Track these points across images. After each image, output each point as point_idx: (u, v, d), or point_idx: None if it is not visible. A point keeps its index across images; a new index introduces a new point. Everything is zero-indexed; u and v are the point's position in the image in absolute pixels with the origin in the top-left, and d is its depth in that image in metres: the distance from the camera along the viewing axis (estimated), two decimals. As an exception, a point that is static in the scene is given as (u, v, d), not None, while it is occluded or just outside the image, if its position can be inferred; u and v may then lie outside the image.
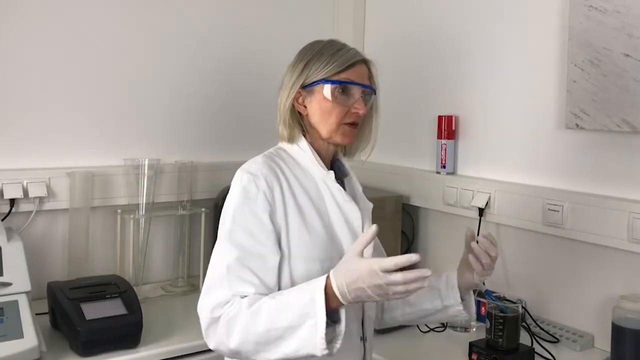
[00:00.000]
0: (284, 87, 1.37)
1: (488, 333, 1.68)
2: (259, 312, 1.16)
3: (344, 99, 1.33)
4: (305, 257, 1.27)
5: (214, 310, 1.20)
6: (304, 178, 1.34)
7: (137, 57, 2.18)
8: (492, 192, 2.02)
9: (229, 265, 1.22)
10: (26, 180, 1.97)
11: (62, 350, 1.63)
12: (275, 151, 1.38)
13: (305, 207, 1.30)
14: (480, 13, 2.11)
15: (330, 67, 1.32)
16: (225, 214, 1.28)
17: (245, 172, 1.28)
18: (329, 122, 1.33)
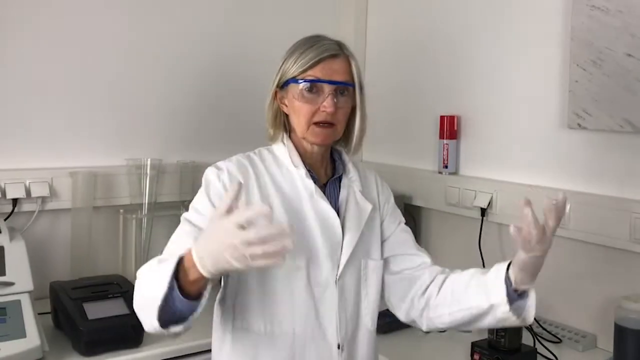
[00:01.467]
0: (271, 86, 1.38)
1: (490, 333, 1.68)
2: (142, 274, 1.16)
3: (313, 98, 1.29)
4: None
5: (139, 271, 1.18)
6: (279, 174, 1.33)
7: (139, 57, 2.18)
8: (494, 192, 2.02)
9: (174, 237, 1.25)
10: (29, 180, 1.97)
11: (65, 350, 1.64)
12: (258, 150, 1.40)
13: (274, 206, 1.26)
14: (483, 13, 2.11)
15: (298, 65, 1.30)
16: (191, 204, 1.31)
17: (213, 166, 1.32)
18: (300, 121, 1.31)
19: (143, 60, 2.19)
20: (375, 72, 2.56)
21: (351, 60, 1.35)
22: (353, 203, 1.37)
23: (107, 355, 1.61)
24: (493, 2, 2.07)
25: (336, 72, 1.31)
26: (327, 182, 1.39)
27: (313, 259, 1.28)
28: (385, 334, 1.81)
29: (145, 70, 2.20)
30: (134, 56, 2.18)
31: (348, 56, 1.35)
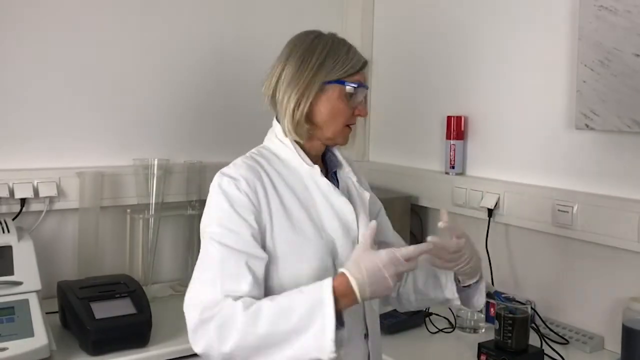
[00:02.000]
0: (293, 83, 1.29)
1: (497, 334, 1.68)
2: (259, 314, 1.10)
3: (351, 101, 1.31)
4: (293, 258, 1.22)
5: (203, 312, 1.12)
6: (288, 175, 1.29)
7: (147, 57, 2.19)
8: (501, 193, 2.01)
9: (218, 265, 1.17)
10: (37, 180, 1.98)
11: (72, 349, 1.65)
12: (257, 151, 1.34)
13: (291, 206, 1.25)
14: (490, 13, 2.10)
15: (346, 68, 1.29)
16: (209, 218, 1.24)
17: (225, 176, 1.25)
18: (337, 123, 1.31)
19: (150, 60, 2.20)
20: (382, 73, 2.56)
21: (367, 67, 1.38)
22: (354, 194, 1.38)
23: (114, 354, 1.61)
24: (500, 2, 2.07)
25: (366, 78, 1.36)
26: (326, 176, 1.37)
27: (337, 257, 1.27)
28: (391, 334, 1.81)
29: (152, 70, 2.21)
30: (140, 56, 2.18)
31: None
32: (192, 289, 1.20)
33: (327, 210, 1.29)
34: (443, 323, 1.92)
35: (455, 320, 1.91)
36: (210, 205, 1.25)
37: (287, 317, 1.09)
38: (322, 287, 1.11)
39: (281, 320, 1.09)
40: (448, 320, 1.93)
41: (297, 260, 1.22)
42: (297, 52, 1.31)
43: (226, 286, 1.15)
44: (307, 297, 1.11)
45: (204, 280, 1.18)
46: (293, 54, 1.32)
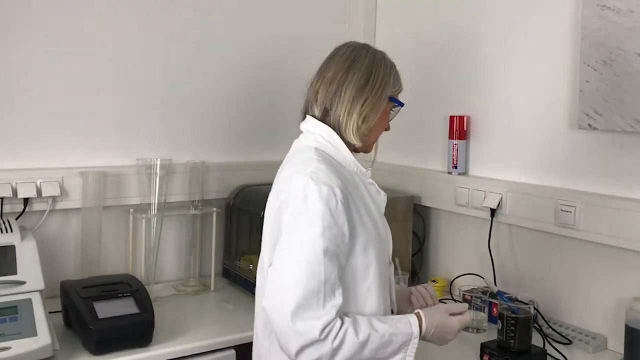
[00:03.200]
0: (366, 94, 1.37)
1: (500, 334, 1.67)
2: (368, 343, 1.24)
3: (390, 116, 1.46)
4: (364, 253, 1.32)
5: (322, 332, 1.20)
6: (351, 179, 1.39)
7: (148, 58, 2.19)
8: (504, 193, 2.01)
9: (325, 281, 1.23)
10: (40, 179, 1.98)
11: (75, 349, 1.65)
12: (319, 154, 1.36)
13: (360, 207, 1.35)
14: (492, 12, 2.10)
15: (399, 85, 1.45)
16: (311, 227, 1.24)
17: (322, 184, 1.26)
18: (375, 135, 1.45)
19: (152, 60, 2.20)
20: (385, 73, 2.56)
21: None
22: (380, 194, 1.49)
23: (117, 354, 1.61)
24: (502, 1, 2.06)
25: None
26: None
27: (384, 247, 1.41)
28: (394, 334, 1.81)
29: (155, 70, 2.21)
30: (142, 57, 2.18)
31: None
32: (299, 296, 1.21)
33: (373, 205, 1.41)
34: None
35: (457, 320, 1.90)
36: (312, 212, 1.25)
37: (386, 347, 1.27)
38: (412, 326, 1.31)
39: (381, 350, 1.27)
40: (451, 320, 1.93)
41: (366, 254, 1.33)
42: (362, 61, 1.39)
43: (330, 302, 1.23)
44: (402, 334, 1.30)
45: (312, 292, 1.22)
46: (359, 62, 1.39)
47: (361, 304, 1.33)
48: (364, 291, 1.33)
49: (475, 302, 1.91)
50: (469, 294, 1.95)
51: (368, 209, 1.38)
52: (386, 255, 1.42)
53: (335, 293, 1.23)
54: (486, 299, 1.92)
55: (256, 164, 2.39)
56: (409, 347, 1.30)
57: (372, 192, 1.43)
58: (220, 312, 1.99)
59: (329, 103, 1.38)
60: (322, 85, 1.39)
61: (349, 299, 1.30)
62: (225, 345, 1.74)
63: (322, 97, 1.39)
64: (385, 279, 1.41)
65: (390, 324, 1.29)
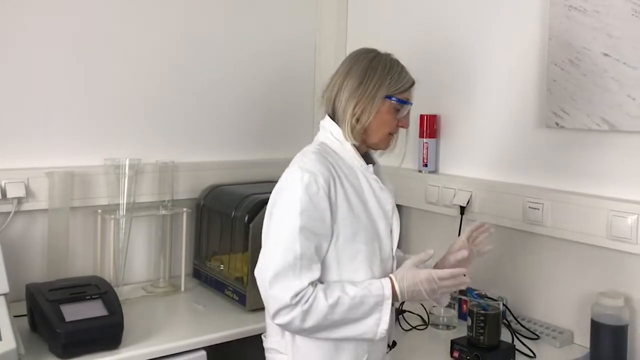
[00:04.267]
0: (355, 94, 1.46)
1: (469, 330, 1.69)
2: (337, 304, 1.36)
3: (397, 114, 1.51)
4: (351, 239, 1.43)
5: (293, 298, 1.34)
6: (348, 171, 1.47)
7: (117, 56, 2.16)
8: (473, 191, 2.03)
9: (301, 255, 1.36)
10: (4, 180, 1.94)
11: (42, 353, 1.61)
12: (321, 147, 1.49)
13: (352, 197, 1.45)
14: (461, 13, 2.12)
15: (399, 85, 1.50)
16: (290, 209, 1.38)
17: (305, 171, 1.40)
18: (383, 132, 1.50)
19: (120, 58, 2.17)
20: (355, 71, 2.57)
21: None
22: (388, 186, 1.56)
23: (85, 357, 1.59)
24: (471, 2, 2.08)
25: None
26: None
27: (381, 240, 1.49)
28: (366, 332, 1.82)
29: (123, 68, 2.18)
30: (111, 56, 2.15)
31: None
32: (276, 267, 1.36)
33: (373, 200, 1.49)
34: (416, 320, 1.93)
35: (428, 317, 1.92)
36: (292, 197, 1.39)
37: (358, 308, 1.38)
38: (384, 286, 1.40)
39: (353, 311, 1.38)
40: (421, 317, 1.94)
41: (354, 241, 1.43)
42: (358, 66, 1.50)
43: (305, 274, 1.36)
44: (373, 293, 1.39)
45: (288, 264, 1.36)
46: (355, 67, 1.50)
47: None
48: (350, 273, 1.43)
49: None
50: (439, 291, 1.96)
51: (365, 202, 1.47)
52: (385, 249, 1.49)
53: (312, 267, 1.38)
54: (456, 296, 1.94)
55: (227, 163, 2.38)
56: (383, 308, 1.39)
57: (376, 188, 1.50)
58: (191, 313, 1.97)
59: (331, 105, 1.52)
60: (328, 88, 1.54)
61: (338, 277, 1.42)
62: (196, 347, 1.73)
63: (327, 99, 1.53)
64: (380, 270, 1.47)
65: (362, 287, 1.39)
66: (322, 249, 1.41)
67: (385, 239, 1.50)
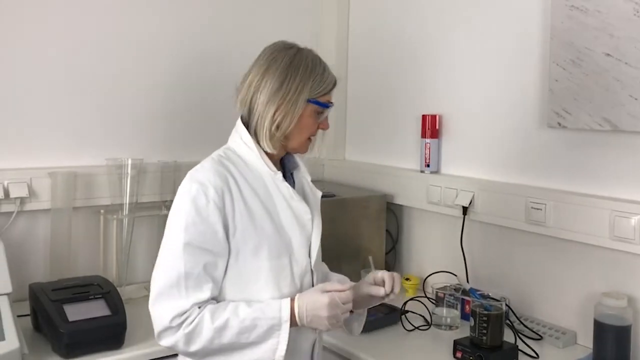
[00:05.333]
0: (275, 97, 1.34)
1: (472, 331, 1.69)
2: (225, 328, 1.26)
3: (318, 117, 1.40)
4: (254, 256, 1.32)
5: (173, 320, 1.26)
6: (252, 178, 1.37)
7: (119, 57, 2.16)
8: (475, 191, 2.03)
9: (185, 274, 1.27)
10: (7, 180, 1.94)
11: (45, 353, 1.62)
12: (224, 153, 1.39)
13: (254, 208, 1.34)
14: (463, 12, 2.12)
15: (321, 88, 1.37)
16: (175, 223, 1.30)
17: (195, 182, 1.30)
18: (302, 136, 1.39)
19: (124, 59, 2.17)
20: (358, 72, 2.57)
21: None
22: (309, 193, 1.48)
23: (88, 357, 1.59)
24: (473, 1, 2.08)
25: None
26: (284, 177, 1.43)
27: (294, 254, 1.38)
28: (368, 332, 1.82)
29: (126, 69, 2.18)
30: (115, 56, 2.15)
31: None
32: (156, 293, 1.28)
33: (286, 211, 1.38)
34: (419, 321, 1.93)
35: (431, 317, 1.92)
36: (178, 210, 1.31)
37: (250, 332, 1.27)
38: (282, 308, 1.29)
39: (244, 335, 1.27)
40: (424, 317, 1.94)
41: (256, 257, 1.33)
42: (278, 66, 1.36)
43: (191, 294, 1.27)
44: (268, 315, 1.28)
45: (171, 283, 1.27)
46: (273, 67, 1.36)
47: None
48: (254, 293, 1.33)
49: (448, 300, 1.93)
50: (442, 291, 1.97)
51: (273, 213, 1.36)
52: (300, 263, 1.39)
53: (202, 287, 1.28)
54: (459, 296, 1.94)
55: (229, 163, 2.38)
56: (281, 332, 1.28)
57: (288, 197, 1.39)
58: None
59: (247, 107, 1.39)
60: (243, 88, 1.40)
61: (239, 299, 1.32)
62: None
63: (242, 100, 1.40)
64: (292, 287, 1.37)
65: (255, 308, 1.29)
66: (217, 267, 1.29)
67: (301, 252, 1.39)
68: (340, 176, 2.59)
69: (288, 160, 1.48)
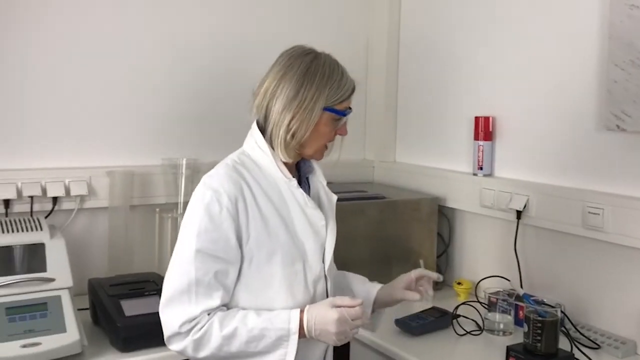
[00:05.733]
0: (292, 104, 1.33)
1: (526, 337, 1.66)
2: (234, 336, 1.27)
3: (336, 124, 1.39)
4: (267, 262, 1.32)
5: (182, 326, 1.27)
6: (267, 184, 1.36)
7: (173, 59, 2.22)
8: (530, 195, 1.99)
9: (196, 280, 1.27)
10: (68, 179, 2.02)
11: (103, 346, 1.67)
12: (238, 158, 1.39)
13: (268, 215, 1.34)
14: (519, 12, 2.08)
15: (338, 95, 1.35)
16: (188, 229, 1.30)
17: (208, 189, 1.30)
18: (319, 144, 1.39)
19: (178, 61, 2.22)
20: (409, 72, 2.56)
21: None
22: (324, 198, 1.48)
23: (143, 351, 1.63)
24: (528, 1, 2.04)
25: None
26: (299, 182, 1.44)
27: (308, 260, 1.38)
28: (418, 336, 1.80)
29: (181, 70, 2.23)
30: (168, 59, 2.21)
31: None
32: (167, 299, 1.30)
33: (301, 217, 1.38)
34: (471, 325, 1.90)
35: (483, 322, 1.89)
36: (192, 217, 1.31)
37: (258, 342, 1.27)
38: (291, 319, 1.28)
39: (252, 344, 1.28)
40: (476, 322, 1.92)
41: (269, 264, 1.33)
42: (294, 73, 1.34)
43: (201, 301, 1.28)
44: (276, 326, 1.28)
45: (182, 289, 1.28)
46: (290, 73, 1.35)
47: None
48: (268, 299, 1.33)
49: (502, 305, 1.90)
50: (494, 296, 1.93)
51: (288, 220, 1.36)
52: (314, 270, 1.39)
53: (212, 295, 1.28)
54: (512, 302, 1.91)
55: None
56: (289, 343, 1.27)
57: (302, 204, 1.38)
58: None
59: (263, 113, 1.39)
60: (259, 94, 1.39)
61: (252, 305, 1.33)
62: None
63: (258, 106, 1.40)
64: (305, 294, 1.37)
65: (264, 318, 1.28)
66: (228, 275, 1.30)
67: (314, 258, 1.38)
68: (390, 178, 2.58)
69: (304, 164, 1.47)
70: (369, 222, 2.13)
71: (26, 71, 1.99)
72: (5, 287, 1.60)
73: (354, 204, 2.12)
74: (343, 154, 1.48)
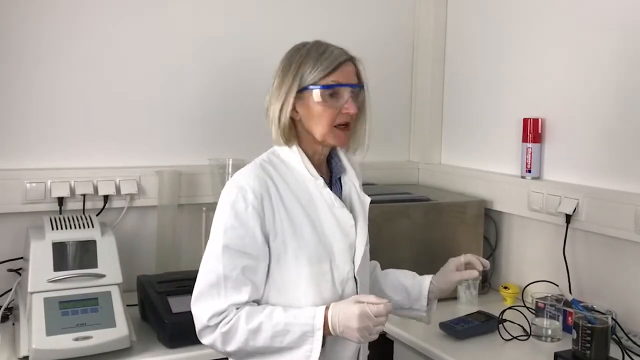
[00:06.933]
0: (276, 94, 1.36)
1: (575, 344, 1.62)
2: (259, 330, 1.28)
3: (334, 101, 1.34)
4: (294, 261, 1.33)
5: (210, 319, 1.29)
6: (295, 183, 1.36)
7: (219, 60, 2.25)
8: (580, 198, 1.94)
9: (224, 276, 1.29)
10: (118, 178, 2.07)
11: (151, 341, 1.71)
12: (267, 157, 1.40)
13: (295, 213, 1.34)
14: (568, 12, 2.03)
15: (317, 71, 1.33)
16: (216, 227, 1.33)
17: (235, 186, 1.32)
18: (322, 125, 1.35)
19: (223, 63, 2.25)
20: (456, 72, 2.53)
21: (357, 63, 1.39)
22: (356, 199, 1.45)
23: (190, 348, 1.66)
24: (578, 1, 1.99)
25: (351, 75, 1.37)
26: (330, 181, 1.44)
27: (335, 260, 1.37)
28: (464, 340, 1.79)
29: (231, 72, 2.26)
30: (214, 60, 2.24)
31: (354, 59, 1.39)
32: (197, 293, 1.33)
33: (328, 216, 1.37)
34: (517, 330, 1.87)
35: (530, 328, 1.85)
36: (219, 215, 1.34)
37: (283, 337, 1.28)
38: (316, 315, 1.28)
39: (277, 339, 1.28)
40: (522, 327, 1.88)
41: (297, 262, 1.33)
42: (281, 65, 1.39)
43: (230, 295, 1.29)
44: (301, 322, 1.28)
45: (210, 284, 1.31)
46: (279, 68, 1.39)
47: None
48: (296, 298, 1.33)
49: (549, 310, 1.86)
50: (542, 301, 1.89)
51: (315, 219, 1.35)
52: (341, 271, 1.37)
53: (241, 289, 1.29)
54: (560, 307, 1.86)
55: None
56: (315, 339, 1.27)
57: (328, 202, 1.37)
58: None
59: (265, 112, 1.42)
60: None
61: (281, 304, 1.33)
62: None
63: (265, 109, 1.42)
64: (333, 293, 1.36)
65: (290, 314, 1.29)
66: (257, 271, 1.31)
67: (342, 258, 1.37)
68: (435, 180, 2.56)
69: (335, 164, 1.47)
70: (413, 224, 2.12)
71: (84, 73, 2.05)
72: (59, 281, 1.65)
73: (399, 206, 2.11)
74: (387, 155, 1.47)
